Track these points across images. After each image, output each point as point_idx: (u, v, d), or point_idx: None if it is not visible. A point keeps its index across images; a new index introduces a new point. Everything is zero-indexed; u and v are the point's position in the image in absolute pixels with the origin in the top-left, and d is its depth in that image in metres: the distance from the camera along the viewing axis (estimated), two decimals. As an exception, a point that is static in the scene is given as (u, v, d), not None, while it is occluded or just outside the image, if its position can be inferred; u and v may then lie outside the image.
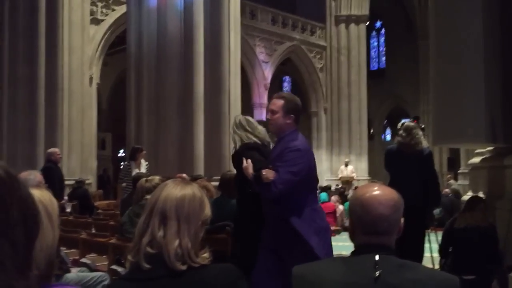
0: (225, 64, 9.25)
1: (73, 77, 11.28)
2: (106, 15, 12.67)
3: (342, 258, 1.28)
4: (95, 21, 12.43)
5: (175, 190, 1.37)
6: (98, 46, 12.63)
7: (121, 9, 12.26)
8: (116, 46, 14.06)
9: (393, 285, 1.15)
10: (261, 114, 17.46)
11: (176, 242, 1.28)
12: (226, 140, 9.23)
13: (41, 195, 1.32)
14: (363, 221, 1.25)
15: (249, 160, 2.84)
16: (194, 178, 5.69)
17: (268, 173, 2.73)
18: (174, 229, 1.30)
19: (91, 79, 12.31)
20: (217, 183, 4.93)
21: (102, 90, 17.10)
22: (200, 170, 8.76)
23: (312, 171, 2.90)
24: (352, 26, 18.30)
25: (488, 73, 3.30)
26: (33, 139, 10.89)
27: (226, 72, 9.25)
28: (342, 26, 18.36)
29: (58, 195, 6.06)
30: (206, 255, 1.33)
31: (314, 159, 2.96)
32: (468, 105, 3.32)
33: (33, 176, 3.24)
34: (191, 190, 1.38)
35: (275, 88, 20.97)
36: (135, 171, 6.12)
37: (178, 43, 9.01)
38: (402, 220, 1.28)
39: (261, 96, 17.39)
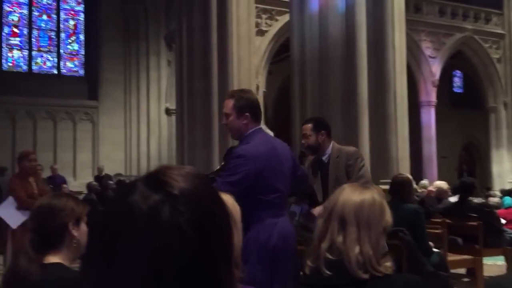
0: (390, 62, 8.89)
1: (242, 87, 12.00)
2: (270, 25, 13.25)
3: None
4: (260, 33, 13.08)
5: (353, 194, 1.32)
6: (263, 56, 13.26)
7: (283, 19, 12.72)
8: (279, 54, 14.61)
9: None
10: (429, 114, 16.35)
11: (357, 249, 1.22)
12: (393, 141, 8.84)
13: (225, 199, 1.38)
14: None
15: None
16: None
17: None
18: (354, 235, 1.25)
19: (257, 87, 12.96)
20: (384, 187, 4.73)
21: (267, 97, 17.90)
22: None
23: (266, 180, 2.43)
24: (536, 8, 16.08)
25: None
26: (209, 147, 11.88)
27: (391, 71, 8.89)
28: (523, 9, 16.26)
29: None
30: (388, 264, 1.24)
31: (279, 165, 2.50)
32: None
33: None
34: (371, 195, 1.32)
35: (444, 84, 19.47)
36: None
37: (340, 45, 8.95)
38: None
39: (429, 94, 16.30)
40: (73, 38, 19.02)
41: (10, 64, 17.97)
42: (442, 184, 6.31)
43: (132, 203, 0.57)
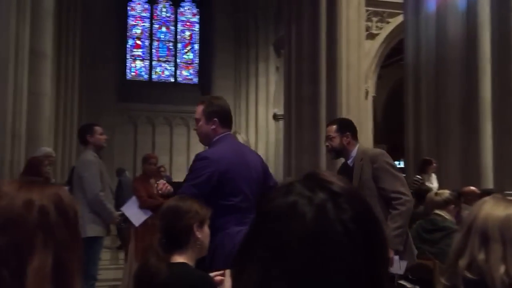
0: (517, 63, 8.13)
1: (351, 92, 11.79)
2: (381, 28, 12.86)
3: None
4: (370, 36, 12.75)
5: (497, 208, 1.19)
6: (373, 60, 12.89)
7: (395, 21, 12.26)
8: (390, 58, 14.12)
9: None
10: None
11: (502, 269, 1.10)
12: (520, 150, 8.06)
13: None
14: None
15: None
16: (484, 192, 5.13)
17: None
18: (499, 253, 1.12)
19: (366, 92, 12.64)
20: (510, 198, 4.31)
21: (376, 102, 17.40)
22: (489, 182, 7.89)
23: (230, 183, 2.32)
24: None
25: None
26: (317, 152, 11.82)
27: (518, 73, 8.12)
28: None
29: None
30: None
31: (246, 170, 2.39)
32: None
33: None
34: None
35: None
36: (428, 184, 5.98)
37: (460, 46, 8.40)
38: None
39: (562, 97, 14.64)
40: (188, 48, 20.16)
41: (133, 74, 19.54)
42: None
43: (294, 202, 0.58)
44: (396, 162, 20.07)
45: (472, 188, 5.29)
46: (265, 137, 18.33)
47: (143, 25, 19.70)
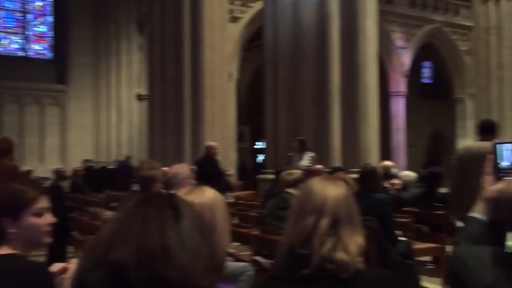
0: (361, 52, 8.97)
1: (215, 74, 11.90)
2: (244, 12, 13.16)
3: (498, 252, 1.09)
4: (233, 19, 12.97)
5: (336, 188, 1.29)
6: (236, 43, 13.17)
7: (257, 6, 12.63)
8: (253, 41, 14.54)
9: None
10: (398, 104, 16.64)
11: (343, 246, 1.20)
12: (362, 132, 8.95)
13: (208, 192, 1.38)
14: None
15: None
16: (334, 170, 5.62)
17: None
18: (347, 233, 1.22)
19: (230, 75, 12.89)
20: (354, 175, 4.80)
21: (240, 85, 17.86)
22: (337, 162, 8.65)
23: None
24: (503, 2, 16.43)
25: None
26: (181, 134, 11.78)
27: (362, 60, 8.97)
28: (491, 3, 16.60)
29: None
30: (360, 258, 1.24)
31: None
32: None
33: (183, 169, 3.47)
34: (345, 187, 1.30)
35: (414, 75, 19.81)
36: (298, 163, 6.36)
37: (313, 34, 8.98)
38: None
39: (398, 84, 16.56)
40: (40, 19, 18.44)
41: (-27, 45, 17.35)
42: (409, 173, 6.45)
43: None
44: (260, 143, 20.88)
45: (319, 166, 5.75)
46: (128, 118, 17.72)
47: (-16, -8, 17.52)
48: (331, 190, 1.26)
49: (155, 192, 2.63)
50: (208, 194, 1.32)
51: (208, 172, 6.87)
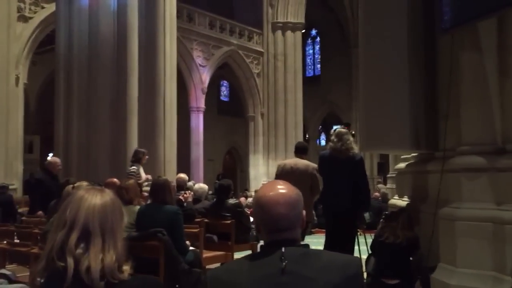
0: (161, 66, 9.11)
1: (-2, 76, 10.66)
2: (35, 12, 12.09)
3: (252, 255, 1.28)
4: (23, 18, 11.81)
5: (93, 199, 1.26)
6: (26, 45, 12.01)
7: (51, 7, 11.74)
8: (45, 45, 13.44)
9: (298, 273, 1.16)
10: (198, 119, 17.32)
11: (99, 259, 1.18)
12: (161, 144, 9.06)
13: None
14: (265, 221, 1.25)
15: None
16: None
17: None
18: (98, 246, 1.20)
19: (17, 79, 11.67)
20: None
21: (30, 90, 16.27)
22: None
23: None
24: (289, 33, 18.64)
25: (412, 82, 3.46)
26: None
27: (162, 75, 9.11)
28: (279, 33, 18.66)
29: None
30: (127, 267, 1.24)
31: None
32: (394, 112, 3.46)
33: None
34: (109, 197, 1.29)
35: (212, 92, 20.88)
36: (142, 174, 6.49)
37: (111, 44, 8.76)
38: (304, 212, 1.29)
39: (198, 100, 17.26)
40: None
41: None
42: (203, 185, 6.74)
43: None
44: (50, 154, 19.23)
45: (114, 179, 5.60)
46: None
47: None
48: (87, 202, 1.24)
49: None
50: None
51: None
